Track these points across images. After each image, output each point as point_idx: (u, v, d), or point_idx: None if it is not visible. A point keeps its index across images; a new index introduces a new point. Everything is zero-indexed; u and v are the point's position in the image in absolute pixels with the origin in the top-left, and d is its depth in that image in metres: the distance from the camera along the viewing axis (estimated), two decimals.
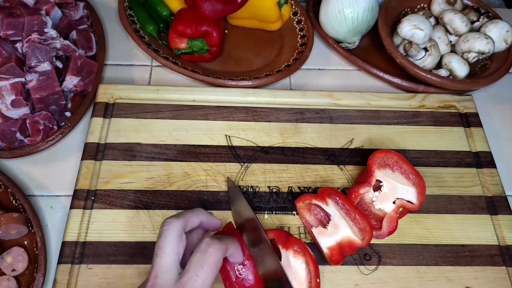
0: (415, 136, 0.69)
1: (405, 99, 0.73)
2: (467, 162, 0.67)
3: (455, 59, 0.74)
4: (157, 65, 0.77)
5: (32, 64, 0.63)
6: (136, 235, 0.57)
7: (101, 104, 0.67)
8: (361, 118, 0.70)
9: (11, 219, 0.54)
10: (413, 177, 0.58)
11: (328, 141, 0.67)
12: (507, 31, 0.75)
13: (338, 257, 0.56)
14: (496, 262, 0.59)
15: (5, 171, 0.63)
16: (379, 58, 0.80)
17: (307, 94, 0.72)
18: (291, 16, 0.82)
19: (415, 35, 0.73)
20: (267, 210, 0.60)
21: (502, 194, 0.64)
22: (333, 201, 0.57)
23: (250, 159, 0.65)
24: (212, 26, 0.70)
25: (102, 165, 0.62)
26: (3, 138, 0.62)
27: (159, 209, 0.59)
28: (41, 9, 0.67)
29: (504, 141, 0.74)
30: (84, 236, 0.56)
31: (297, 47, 0.79)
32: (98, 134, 0.64)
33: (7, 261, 0.54)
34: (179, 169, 0.63)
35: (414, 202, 0.58)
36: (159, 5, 0.78)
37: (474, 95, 0.76)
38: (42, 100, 0.63)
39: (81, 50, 0.71)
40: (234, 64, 0.77)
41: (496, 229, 0.61)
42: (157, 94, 0.69)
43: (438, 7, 0.80)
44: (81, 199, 0.59)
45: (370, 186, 0.59)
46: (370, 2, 0.74)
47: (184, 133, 0.66)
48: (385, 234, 0.58)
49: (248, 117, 0.69)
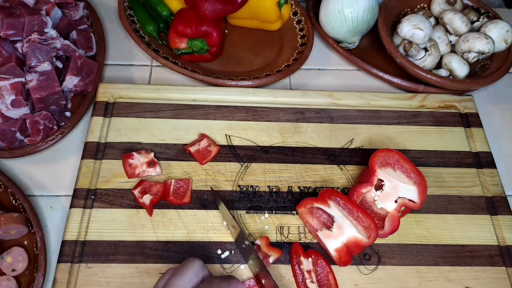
0: (415, 136, 0.69)
1: (405, 99, 0.73)
2: (467, 162, 0.67)
3: (455, 59, 0.74)
4: (157, 65, 0.77)
5: (32, 64, 0.63)
6: (136, 234, 0.57)
7: (101, 103, 0.67)
8: (361, 118, 0.70)
9: (11, 219, 0.54)
10: (415, 176, 0.58)
11: (328, 141, 0.67)
12: (507, 31, 0.75)
13: (346, 258, 0.56)
14: (496, 263, 0.59)
15: (5, 171, 0.63)
16: (379, 58, 0.80)
17: (307, 94, 0.72)
18: (291, 16, 0.82)
19: (415, 35, 0.73)
20: (267, 210, 0.60)
21: (502, 194, 0.64)
22: (335, 202, 0.57)
23: (250, 158, 0.65)
24: (212, 26, 0.70)
25: (102, 164, 0.62)
26: (3, 138, 0.62)
27: (159, 209, 0.59)
28: (41, 9, 0.68)
29: (504, 141, 0.74)
30: (84, 235, 0.56)
31: (297, 47, 0.79)
32: (98, 133, 0.64)
33: (7, 261, 0.54)
34: (179, 168, 0.63)
35: (416, 200, 0.58)
36: (159, 5, 0.78)
37: (474, 95, 0.76)
38: (42, 100, 0.63)
39: (81, 50, 0.71)
40: (234, 64, 0.77)
41: (496, 230, 0.61)
42: (157, 94, 0.69)
43: (438, 7, 0.81)
44: (81, 198, 0.59)
45: (371, 185, 0.59)
46: (370, 2, 0.74)
47: (184, 132, 0.66)
48: (387, 233, 0.58)
49: (248, 116, 0.69)
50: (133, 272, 0.54)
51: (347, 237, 0.56)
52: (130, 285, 0.54)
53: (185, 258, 0.55)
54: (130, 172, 0.61)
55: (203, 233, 0.58)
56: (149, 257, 0.56)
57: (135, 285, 0.54)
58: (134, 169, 0.61)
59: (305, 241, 0.58)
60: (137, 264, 0.55)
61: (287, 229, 0.59)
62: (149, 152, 0.63)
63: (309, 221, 0.58)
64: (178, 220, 0.59)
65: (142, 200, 0.58)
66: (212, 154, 0.63)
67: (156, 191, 0.60)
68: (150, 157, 0.62)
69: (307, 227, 0.59)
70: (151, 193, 0.59)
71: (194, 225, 0.58)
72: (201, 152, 0.63)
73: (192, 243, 0.57)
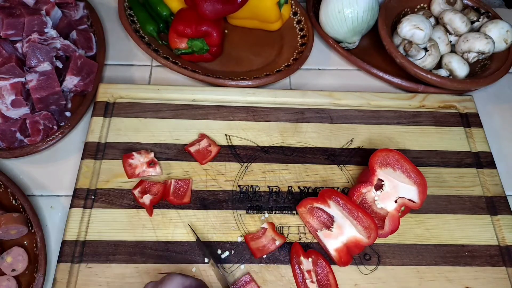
0: (415, 136, 0.69)
1: (405, 99, 0.73)
2: (467, 162, 0.67)
3: (455, 59, 0.74)
4: (157, 65, 0.77)
5: (32, 64, 0.63)
6: (135, 234, 0.57)
7: (101, 103, 0.67)
8: (361, 118, 0.70)
9: (11, 219, 0.54)
10: (414, 176, 0.58)
11: (328, 141, 0.67)
12: (507, 31, 0.75)
13: (346, 258, 0.56)
14: (496, 263, 0.59)
15: (5, 171, 0.63)
16: (379, 58, 0.80)
17: (307, 94, 0.72)
18: (291, 16, 0.82)
19: (415, 35, 0.73)
20: (267, 210, 0.60)
21: (502, 194, 0.64)
22: (334, 202, 0.57)
23: (250, 158, 0.65)
24: (212, 26, 0.70)
25: (102, 164, 0.62)
26: (3, 138, 0.62)
27: (159, 209, 0.59)
28: (41, 9, 0.68)
29: (504, 141, 0.74)
30: (84, 235, 0.56)
31: (297, 47, 0.79)
32: (98, 133, 0.64)
33: (7, 261, 0.54)
34: (179, 168, 0.63)
35: (416, 200, 0.58)
36: (159, 5, 0.78)
37: (474, 95, 0.76)
38: (42, 100, 0.63)
39: (81, 50, 0.71)
40: (234, 64, 0.77)
41: (496, 230, 0.61)
42: (157, 94, 0.69)
43: (438, 7, 0.81)
44: (81, 198, 0.59)
45: (371, 185, 0.59)
46: (370, 2, 0.74)
47: (184, 132, 0.66)
48: (387, 233, 0.58)
49: (248, 116, 0.69)
50: (133, 272, 0.54)
51: (347, 237, 0.56)
52: (130, 285, 0.54)
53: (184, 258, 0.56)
54: (130, 172, 0.61)
55: (203, 233, 0.58)
56: (149, 257, 0.56)
57: (135, 285, 0.54)
58: (134, 169, 0.61)
59: (305, 241, 0.58)
60: (137, 264, 0.55)
61: (287, 229, 0.59)
62: (149, 152, 0.63)
63: (309, 221, 0.58)
64: (178, 220, 0.59)
65: (142, 200, 0.59)
66: (212, 154, 0.63)
67: (156, 191, 0.60)
68: (150, 157, 0.62)
69: (307, 227, 0.59)
70: (151, 193, 0.59)
71: (194, 225, 0.58)
72: (201, 152, 0.63)
73: (192, 243, 0.57)
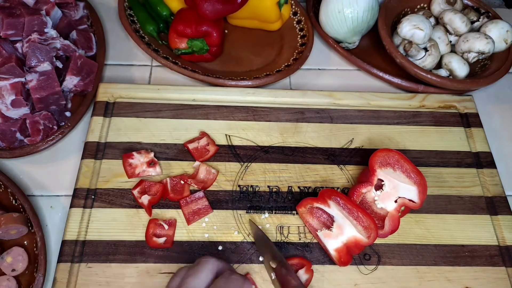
0: (415, 136, 0.69)
1: (405, 99, 0.73)
2: (467, 162, 0.67)
3: (455, 59, 0.74)
4: (157, 65, 0.77)
5: (32, 64, 0.63)
6: (136, 234, 0.57)
7: (101, 103, 0.67)
8: (361, 118, 0.70)
9: (11, 219, 0.54)
10: (414, 176, 0.58)
11: (328, 141, 0.67)
12: (507, 31, 0.75)
13: (346, 258, 0.56)
14: (496, 263, 0.59)
15: (5, 171, 0.63)
16: (379, 58, 0.80)
17: (307, 94, 0.72)
18: (291, 16, 0.82)
19: (415, 35, 0.73)
20: (267, 210, 0.60)
21: (502, 194, 0.64)
22: (334, 202, 0.57)
23: (250, 158, 0.65)
24: (212, 26, 0.70)
25: (102, 164, 0.62)
26: (3, 138, 0.62)
27: (158, 209, 0.59)
28: (41, 9, 0.67)
29: (504, 141, 0.74)
30: (84, 235, 0.56)
31: (297, 47, 0.79)
32: (98, 133, 0.64)
33: (7, 261, 0.54)
34: (179, 168, 0.63)
35: (416, 200, 0.58)
36: (159, 5, 0.78)
37: (474, 95, 0.76)
38: (42, 100, 0.63)
39: (81, 50, 0.71)
40: (234, 64, 0.77)
41: (496, 230, 0.61)
42: (157, 94, 0.69)
43: (438, 7, 0.81)
44: (81, 198, 0.59)
45: (371, 185, 0.59)
46: (370, 2, 0.74)
47: (184, 132, 0.66)
48: (387, 233, 0.58)
49: (248, 116, 0.69)
50: (133, 272, 0.54)
51: (347, 237, 0.56)
52: (130, 285, 0.54)
53: (184, 258, 0.56)
54: (130, 172, 0.61)
55: (203, 233, 0.58)
56: (149, 257, 0.56)
57: (135, 285, 0.54)
58: (134, 169, 0.61)
59: (305, 241, 0.58)
60: (137, 264, 0.55)
61: (287, 229, 0.59)
62: (149, 152, 0.63)
63: (309, 221, 0.58)
64: (178, 220, 0.59)
65: (141, 200, 0.59)
66: (209, 153, 0.63)
67: (156, 190, 0.60)
68: (150, 157, 0.62)
69: (307, 227, 0.59)
70: (150, 193, 0.59)
71: (194, 225, 0.58)
72: (199, 150, 0.64)
73: (192, 243, 0.57)
